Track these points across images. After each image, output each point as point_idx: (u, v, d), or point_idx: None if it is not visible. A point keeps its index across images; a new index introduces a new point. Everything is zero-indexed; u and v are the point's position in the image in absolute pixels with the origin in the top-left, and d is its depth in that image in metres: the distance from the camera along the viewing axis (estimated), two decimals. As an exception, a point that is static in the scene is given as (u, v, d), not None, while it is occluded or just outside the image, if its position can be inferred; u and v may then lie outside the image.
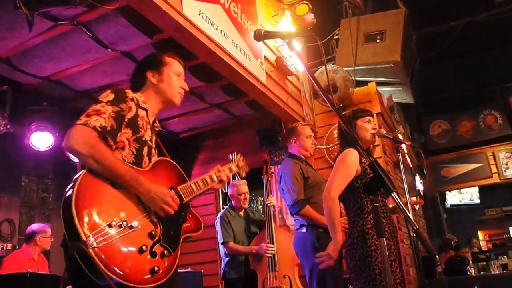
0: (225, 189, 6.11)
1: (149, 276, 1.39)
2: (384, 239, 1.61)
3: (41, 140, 3.93)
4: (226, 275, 3.95)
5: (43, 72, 3.63)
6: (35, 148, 3.94)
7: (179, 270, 4.60)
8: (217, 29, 3.02)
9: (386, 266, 1.65)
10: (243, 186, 4.12)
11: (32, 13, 2.47)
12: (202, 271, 4.52)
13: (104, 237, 1.31)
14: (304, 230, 3.10)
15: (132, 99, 1.68)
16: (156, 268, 1.41)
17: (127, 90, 1.70)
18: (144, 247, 1.41)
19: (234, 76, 3.35)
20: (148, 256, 1.43)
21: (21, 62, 3.45)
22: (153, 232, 1.49)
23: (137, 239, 1.42)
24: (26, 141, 3.80)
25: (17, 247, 4.36)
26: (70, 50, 3.33)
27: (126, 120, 1.62)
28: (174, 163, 1.85)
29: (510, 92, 8.19)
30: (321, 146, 3.50)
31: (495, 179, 7.99)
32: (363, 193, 2.41)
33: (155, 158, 1.76)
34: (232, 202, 4.17)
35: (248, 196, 4.16)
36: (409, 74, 5.18)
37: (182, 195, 1.70)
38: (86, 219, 1.30)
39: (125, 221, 1.40)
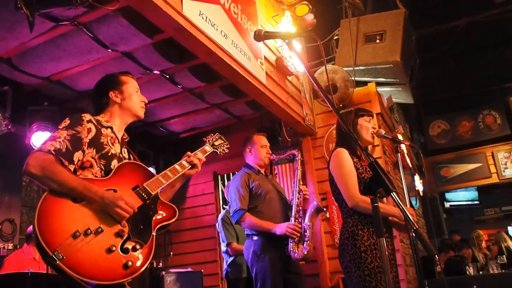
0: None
1: (123, 270, 1.53)
2: (384, 239, 1.62)
3: (42, 140, 3.92)
4: (228, 275, 3.95)
5: (43, 72, 3.64)
6: (36, 148, 3.94)
7: (179, 270, 4.62)
8: (217, 30, 3.02)
9: (385, 266, 1.66)
10: None
11: (33, 14, 2.48)
12: (202, 271, 4.53)
13: (70, 248, 1.45)
14: (250, 238, 3.16)
15: (89, 121, 1.81)
16: (129, 262, 1.55)
17: (83, 114, 1.82)
18: (113, 247, 1.55)
19: (234, 76, 3.36)
20: (120, 254, 1.56)
21: (22, 63, 3.47)
22: (120, 232, 1.61)
23: (105, 241, 1.55)
24: (27, 141, 3.80)
25: (18, 246, 4.36)
26: (71, 50, 3.35)
27: (88, 140, 1.76)
28: (139, 163, 1.94)
29: (509, 92, 8.20)
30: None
31: (494, 179, 8.01)
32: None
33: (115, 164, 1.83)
34: (230, 204, 4.16)
35: None
36: (409, 74, 5.18)
37: (149, 189, 1.79)
38: (49, 237, 1.44)
39: (89, 229, 1.53)
